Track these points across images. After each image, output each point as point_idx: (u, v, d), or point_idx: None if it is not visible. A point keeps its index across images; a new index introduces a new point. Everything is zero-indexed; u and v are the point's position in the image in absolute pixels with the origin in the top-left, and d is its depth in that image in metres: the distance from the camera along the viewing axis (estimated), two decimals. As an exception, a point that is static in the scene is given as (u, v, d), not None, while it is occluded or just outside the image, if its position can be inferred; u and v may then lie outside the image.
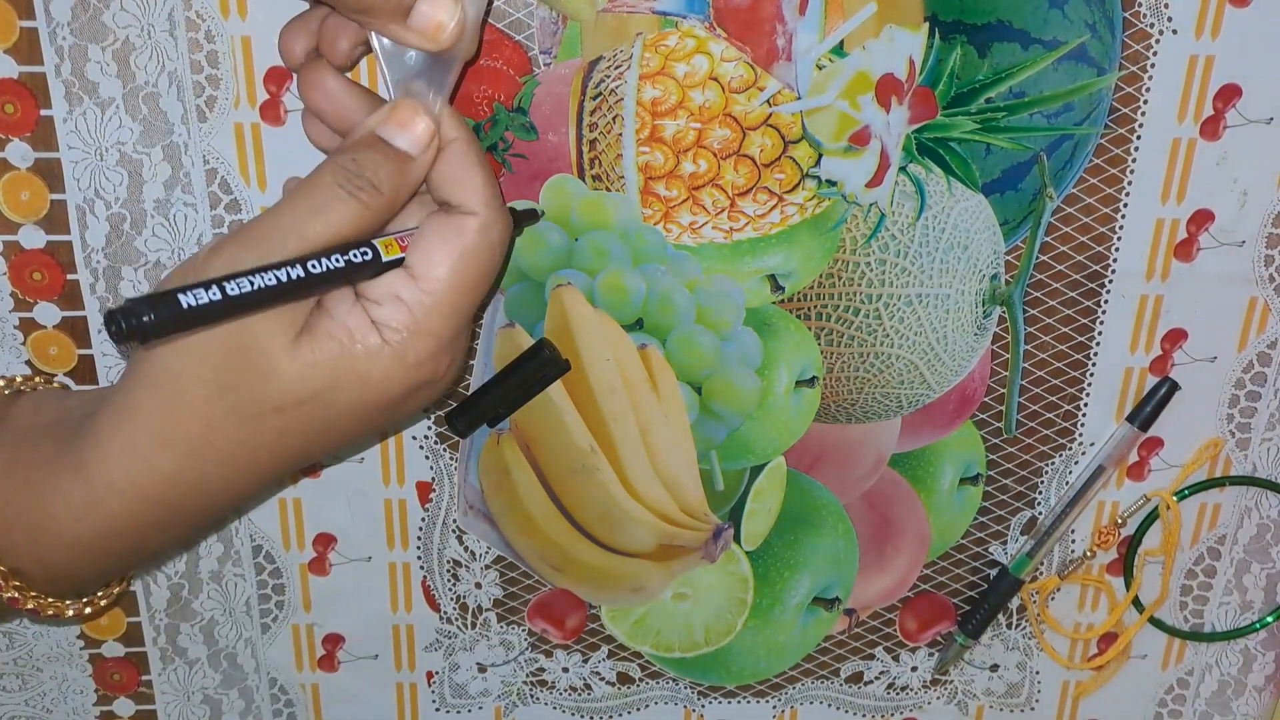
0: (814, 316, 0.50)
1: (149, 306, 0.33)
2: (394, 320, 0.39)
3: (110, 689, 0.55)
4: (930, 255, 0.49)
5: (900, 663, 0.58)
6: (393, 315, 0.39)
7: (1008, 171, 0.48)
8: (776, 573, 0.55)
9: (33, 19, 0.43)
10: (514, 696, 0.58)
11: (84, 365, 0.49)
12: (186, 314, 0.34)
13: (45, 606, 0.42)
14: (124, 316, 0.33)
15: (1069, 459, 0.54)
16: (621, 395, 0.51)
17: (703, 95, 0.46)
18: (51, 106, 0.45)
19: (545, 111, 0.46)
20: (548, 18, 0.45)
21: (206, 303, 0.34)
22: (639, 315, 0.50)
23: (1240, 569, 0.56)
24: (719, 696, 0.58)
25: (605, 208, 0.48)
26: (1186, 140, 0.48)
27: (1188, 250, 0.50)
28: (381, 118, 0.40)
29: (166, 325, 0.34)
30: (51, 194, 0.46)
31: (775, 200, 0.48)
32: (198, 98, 0.45)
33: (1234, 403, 0.53)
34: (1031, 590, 0.56)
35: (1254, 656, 0.58)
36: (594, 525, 0.53)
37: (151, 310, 0.33)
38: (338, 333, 0.39)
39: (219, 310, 0.35)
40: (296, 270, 0.36)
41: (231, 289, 0.35)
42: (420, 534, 0.54)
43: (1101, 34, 0.46)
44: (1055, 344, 0.52)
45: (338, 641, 0.56)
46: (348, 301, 0.39)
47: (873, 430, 0.53)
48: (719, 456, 0.52)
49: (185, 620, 0.54)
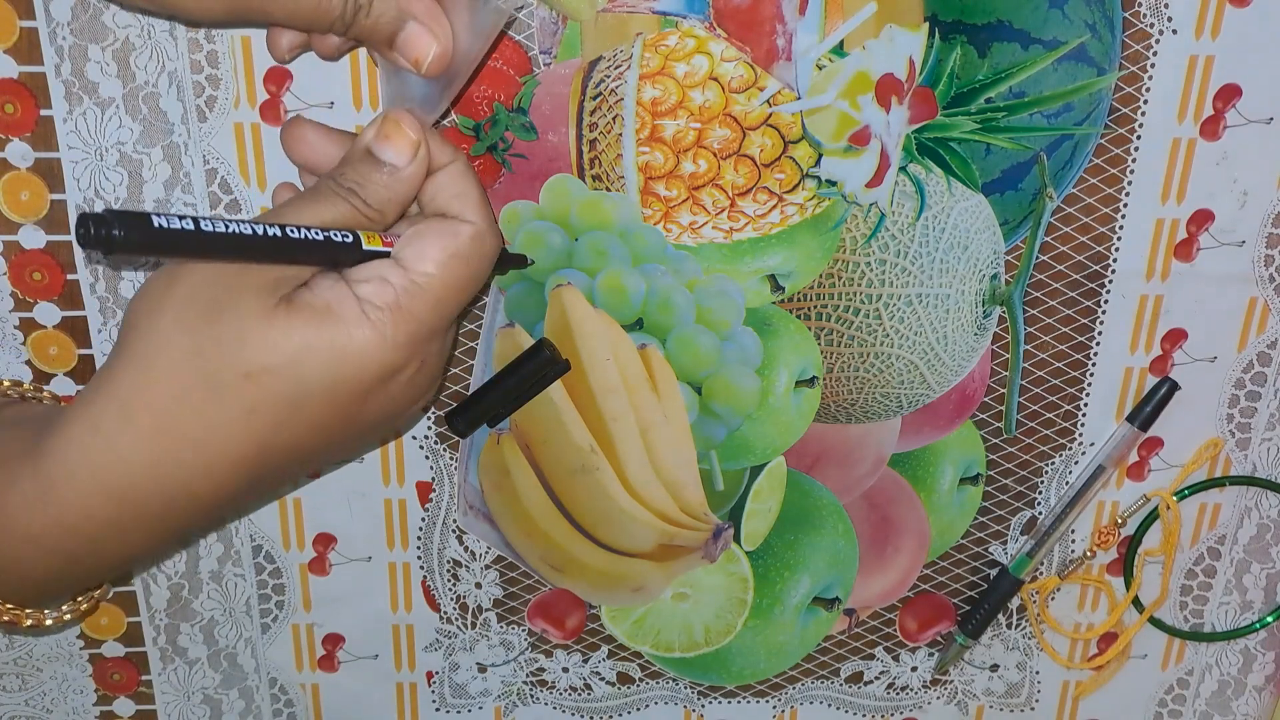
0: (814, 316, 0.50)
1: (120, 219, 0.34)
2: (377, 298, 0.39)
3: (110, 689, 0.55)
4: (930, 255, 0.49)
5: (900, 663, 0.58)
6: (376, 293, 0.39)
7: (1008, 171, 0.48)
8: (776, 573, 0.55)
9: (33, 19, 0.43)
10: (514, 696, 0.58)
11: (84, 365, 0.49)
12: (155, 233, 0.34)
13: (21, 617, 0.42)
14: (95, 223, 0.33)
15: (1069, 459, 0.54)
16: (621, 395, 0.51)
17: (703, 95, 0.46)
18: (51, 106, 0.45)
19: (545, 111, 0.46)
20: (548, 18, 0.45)
21: (178, 229, 0.35)
22: (639, 315, 0.50)
23: (1240, 569, 0.56)
24: (719, 696, 0.58)
25: (605, 208, 0.48)
26: (1186, 140, 0.48)
27: (1188, 250, 0.50)
28: (370, 133, 0.40)
29: (133, 241, 0.34)
30: (51, 194, 0.46)
31: (775, 200, 0.48)
32: (198, 98, 0.45)
33: (1234, 403, 0.53)
34: (1031, 590, 0.56)
35: (1254, 656, 0.58)
36: (594, 525, 0.53)
37: (122, 225, 0.33)
38: (316, 303, 0.38)
39: (188, 242, 0.35)
40: (274, 229, 0.37)
41: (205, 225, 0.35)
42: (420, 534, 0.54)
43: (1101, 34, 0.46)
44: (1055, 344, 0.52)
45: (338, 641, 0.56)
46: (330, 278, 0.39)
47: (873, 430, 0.53)
48: (719, 456, 0.52)
49: (185, 620, 0.54)
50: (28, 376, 0.49)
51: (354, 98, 0.45)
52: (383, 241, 0.40)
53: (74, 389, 0.49)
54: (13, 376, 0.48)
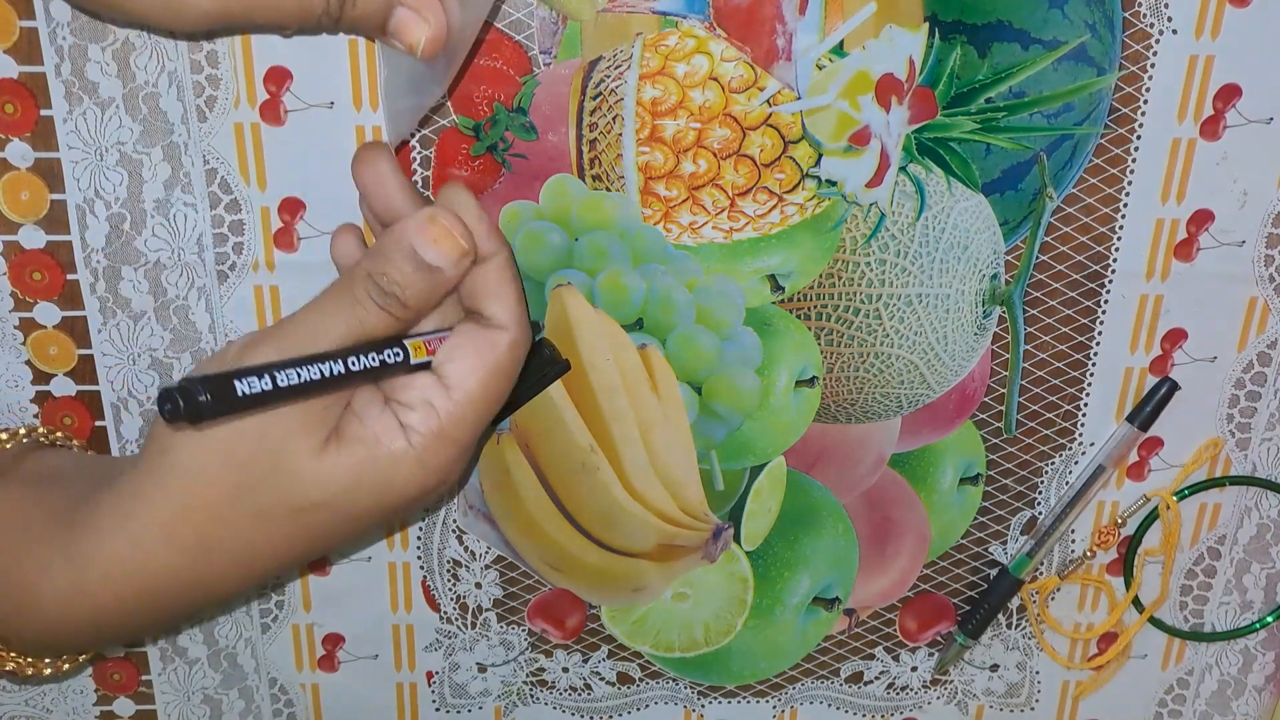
0: (814, 316, 0.50)
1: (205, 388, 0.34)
2: (422, 425, 0.39)
3: (110, 689, 0.55)
4: (930, 255, 0.49)
5: (900, 663, 0.58)
6: (423, 421, 0.39)
7: (1008, 171, 0.48)
8: (776, 573, 0.55)
9: (33, 19, 0.43)
10: (514, 696, 0.58)
11: (84, 365, 0.49)
12: (239, 400, 0.35)
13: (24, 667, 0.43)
14: (181, 396, 0.33)
15: (1069, 459, 0.54)
16: (621, 395, 0.51)
17: (703, 95, 0.46)
18: (51, 106, 0.45)
19: (545, 111, 0.46)
20: (548, 18, 0.45)
21: (258, 392, 0.35)
22: (639, 315, 0.50)
23: (1240, 569, 0.56)
24: (719, 696, 0.58)
25: (605, 208, 0.48)
26: (1186, 140, 0.48)
27: (1188, 250, 0.50)
28: (418, 227, 0.39)
29: (221, 408, 0.34)
30: (51, 194, 0.46)
31: (775, 200, 0.48)
32: (198, 98, 0.45)
33: (1234, 403, 0.53)
34: (1031, 590, 0.56)
35: (1254, 656, 0.58)
36: (594, 525, 0.53)
37: (208, 392, 0.34)
38: (365, 437, 0.39)
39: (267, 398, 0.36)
40: (338, 366, 0.37)
41: (281, 379, 0.36)
42: (420, 534, 0.54)
43: (1101, 34, 0.46)
44: (1055, 344, 0.52)
45: (338, 641, 0.56)
46: (377, 406, 0.40)
47: (873, 430, 0.53)
48: (719, 456, 0.52)
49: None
50: (28, 376, 0.49)
51: (354, 98, 0.45)
52: (426, 351, 0.40)
53: (74, 389, 0.49)
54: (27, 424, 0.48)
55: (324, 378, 0.37)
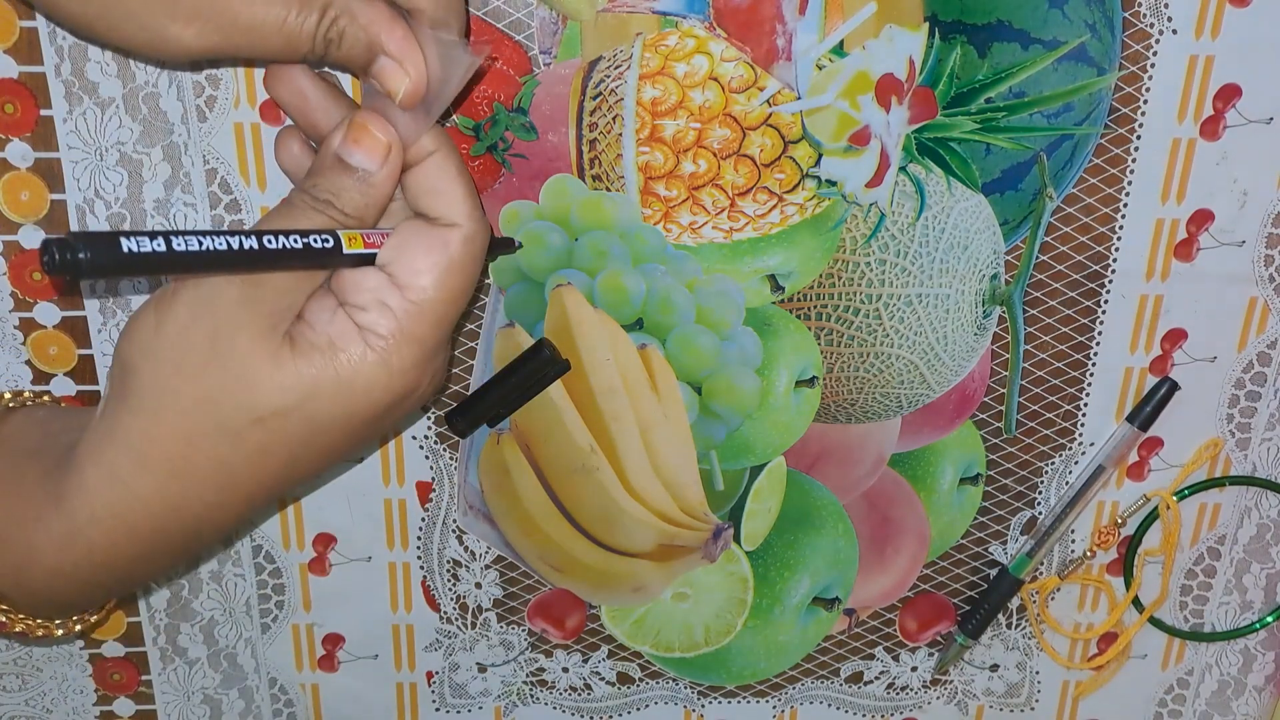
0: (814, 316, 0.50)
1: (87, 243, 0.32)
2: (380, 326, 0.39)
3: (110, 689, 0.55)
4: (930, 255, 0.49)
5: (900, 663, 0.58)
6: (378, 321, 0.39)
7: (1008, 171, 0.48)
8: (776, 573, 0.55)
9: (33, 19, 0.43)
10: (514, 696, 0.58)
11: (84, 365, 0.49)
12: (125, 258, 0.33)
13: (34, 628, 0.43)
14: (60, 248, 0.32)
15: (1069, 459, 0.54)
16: (621, 395, 0.51)
17: (703, 95, 0.46)
18: (51, 106, 0.45)
19: (545, 111, 0.46)
20: (548, 18, 0.45)
21: (149, 251, 0.33)
22: (639, 315, 0.50)
23: (1240, 569, 0.56)
24: (719, 696, 0.58)
25: (605, 208, 0.48)
26: (1186, 140, 0.48)
27: (1188, 250, 0.50)
28: (340, 132, 0.39)
29: (102, 265, 0.33)
30: (51, 194, 0.46)
31: (775, 200, 0.48)
32: (197, 98, 0.45)
33: (1234, 403, 0.53)
34: (1031, 590, 0.56)
35: (1254, 656, 0.58)
36: (594, 525, 0.53)
37: (89, 248, 0.32)
38: (319, 341, 0.38)
39: (160, 262, 0.34)
40: (250, 241, 0.36)
41: (178, 244, 0.34)
42: (420, 534, 0.54)
43: (1101, 34, 0.46)
44: (1055, 344, 0.52)
45: (338, 641, 0.56)
46: (329, 310, 0.39)
47: (873, 430, 0.53)
48: (719, 456, 0.52)
49: (185, 620, 0.54)
50: (28, 376, 0.49)
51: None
52: (365, 242, 0.39)
53: (74, 389, 0.49)
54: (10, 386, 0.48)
55: (231, 249, 0.35)
